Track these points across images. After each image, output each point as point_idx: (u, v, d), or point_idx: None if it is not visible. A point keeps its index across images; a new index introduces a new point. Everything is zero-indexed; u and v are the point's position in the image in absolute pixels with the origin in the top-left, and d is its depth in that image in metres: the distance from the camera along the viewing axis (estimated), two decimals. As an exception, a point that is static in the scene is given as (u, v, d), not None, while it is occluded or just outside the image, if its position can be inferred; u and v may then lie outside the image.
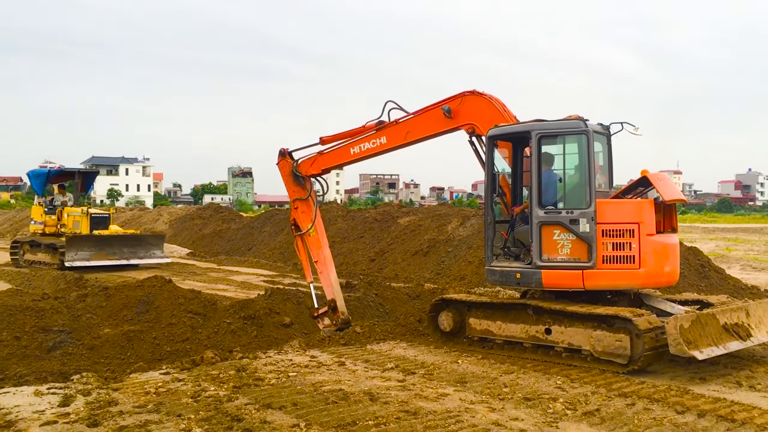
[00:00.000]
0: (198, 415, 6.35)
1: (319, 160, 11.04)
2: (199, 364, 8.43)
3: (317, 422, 6.17)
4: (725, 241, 32.70)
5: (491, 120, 9.47)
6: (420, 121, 10.13)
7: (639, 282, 8.64)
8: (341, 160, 10.92)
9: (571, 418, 6.38)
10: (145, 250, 21.71)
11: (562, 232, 8.73)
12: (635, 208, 8.63)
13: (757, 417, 6.43)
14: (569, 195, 8.92)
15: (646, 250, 8.45)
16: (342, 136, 10.79)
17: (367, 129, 10.50)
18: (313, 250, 11.21)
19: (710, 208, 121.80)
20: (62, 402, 6.75)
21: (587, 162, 8.65)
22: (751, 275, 18.69)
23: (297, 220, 11.33)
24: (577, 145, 8.83)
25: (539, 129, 8.94)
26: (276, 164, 11.48)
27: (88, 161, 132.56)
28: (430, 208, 25.80)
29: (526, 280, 9.02)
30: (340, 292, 11.11)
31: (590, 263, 8.54)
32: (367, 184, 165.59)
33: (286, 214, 29.45)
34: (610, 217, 8.57)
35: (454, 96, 9.86)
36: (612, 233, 8.53)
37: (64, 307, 10.47)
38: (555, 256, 8.77)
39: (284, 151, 11.32)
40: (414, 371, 8.17)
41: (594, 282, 8.60)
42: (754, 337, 8.58)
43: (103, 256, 20.57)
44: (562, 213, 8.78)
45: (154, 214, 39.73)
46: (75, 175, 23.63)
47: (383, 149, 10.45)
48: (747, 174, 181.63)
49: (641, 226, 8.47)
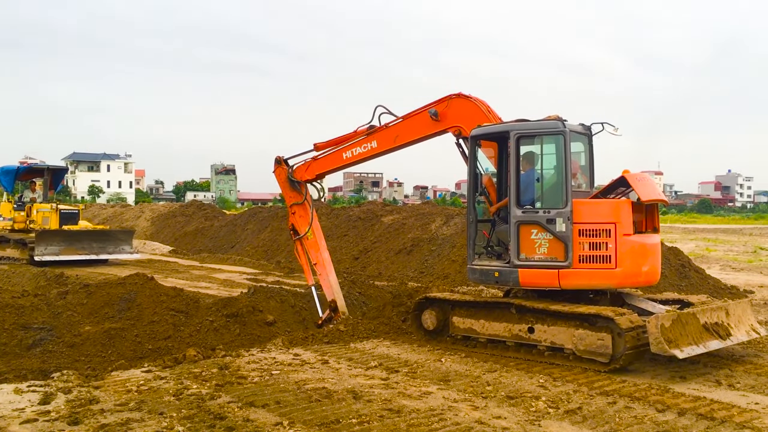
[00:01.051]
0: (180, 413, 6.31)
1: (313, 166, 11.30)
2: (181, 362, 8.38)
3: (300, 420, 6.16)
4: (705, 241, 33.04)
5: (477, 122, 9.55)
6: (408, 125, 10.27)
7: (615, 282, 8.68)
8: (334, 165, 11.13)
9: (553, 417, 6.42)
10: (114, 245, 21.99)
11: (540, 232, 8.81)
12: (612, 208, 8.68)
13: (736, 415, 6.51)
14: (546, 195, 9.00)
15: (622, 250, 8.49)
16: (335, 142, 11.01)
17: (358, 134, 10.70)
18: (312, 253, 11.47)
19: (690, 209, 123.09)
20: (42, 400, 6.68)
21: (564, 162, 8.73)
22: (730, 275, 18.89)
23: (295, 224, 11.62)
24: (554, 145, 8.91)
25: (518, 129, 9.03)
26: (272, 172, 11.75)
27: (69, 157, 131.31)
28: (413, 207, 25.81)
29: (504, 278, 9.12)
30: (340, 293, 11.33)
31: (566, 263, 8.60)
32: (351, 182, 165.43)
33: (269, 212, 29.38)
34: (587, 216, 8.63)
35: (440, 99, 9.95)
36: (588, 233, 8.59)
37: (45, 305, 10.36)
38: (532, 256, 8.85)
39: (280, 158, 11.61)
40: (397, 369, 8.18)
41: (570, 281, 8.67)
42: (733, 336, 8.68)
43: (73, 251, 20.84)
44: (539, 212, 8.86)
45: (136, 211, 39.45)
46: (44, 171, 23.86)
47: (374, 153, 10.64)
48: (727, 175, 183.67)
49: (618, 226, 8.52)
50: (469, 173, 9.63)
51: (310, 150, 11.27)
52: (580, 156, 9.65)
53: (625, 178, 8.83)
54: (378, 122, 10.52)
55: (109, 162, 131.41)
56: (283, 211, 28.47)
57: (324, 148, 11.15)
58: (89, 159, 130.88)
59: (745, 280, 17.69)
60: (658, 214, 9.29)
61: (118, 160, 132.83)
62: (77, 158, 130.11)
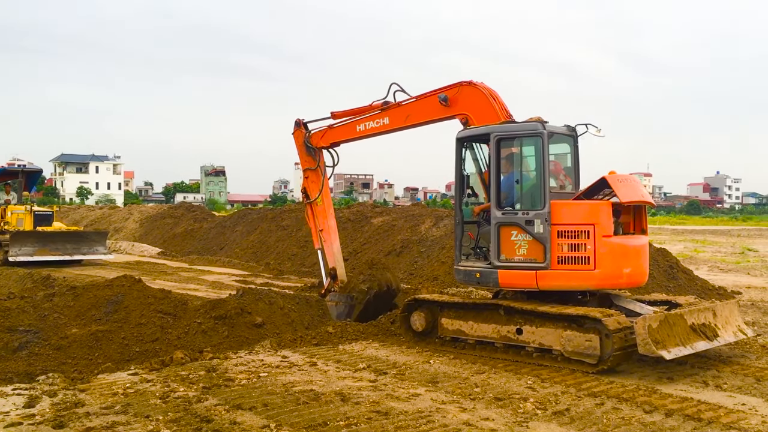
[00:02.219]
0: (167, 416, 6.27)
1: (328, 134, 11.59)
2: (168, 365, 8.33)
3: (288, 423, 6.13)
4: (693, 242, 33.21)
5: (484, 113, 9.53)
6: (419, 106, 10.37)
7: (594, 283, 8.69)
8: (348, 135, 11.39)
9: (541, 418, 6.42)
10: (88, 246, 22.42)
11: (519, 233, 8.87)
12: (590, 210, 8.70)
13: (723, 416, 6.53)
14: (525, 196, 9.05)
15: (601, 251, 8.51)
16: (351, 112, 11.27)
17: (373, 108, 10.89)
18: (320, 219, 11.91)
19: (679, 210, 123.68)
20: (27, 403, 6.63)
21: (542, 164, 8.76)
22: (718, 276, 18.99)
23: (307, 188, 12.05)
24: (533, 147, 8.95)
25: (497, 131, 9.09)
26: (291, 133, 12.06)
27: (58, 158, 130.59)
28: (403, 209, 25.81)
29: (485, 279, 9.22)
30: (341, 261, 11.82)
31: (545, 264, 8.64)
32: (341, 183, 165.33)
33: (259, 213, 29.29)
34: (566, 218, 8.66)
35: (452, 85, 9.94)
36: (567, 234, 8.61)
37: (31, 307, 10.29)
38: (512, 257, 8.91)
39: (300, 121, 11.93)
40: (386, 371, 8.17)
41: (547, 282, 8.70)
42: (720, 337, 8.72)
43: (47, 251, 21.24)
44: (519, 214, 8.91)
45: (125, 213, 39.25)
46: (19, 174, 24.15)
47: (385, 129, 10.82)
48: (715, 177, 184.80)
49: (597, 227, 8.53)
50: (456, 175, 9.67)
51: (327, 117, 11.55)
52: (565, 157, 9.68)
53: (605, 179, 8.83)
54: (393, 99, 10.67)
55: (98, 163, 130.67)
56: (272, 213, 28.42)
57: (340, 117, 11.40)
58: (78, 160, 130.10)
59: (732, 281, 17.79)
60: (645, 215, 9.31)
61: (107, 162, 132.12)
62: (66, 159, 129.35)
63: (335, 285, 11.43)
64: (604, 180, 8.82)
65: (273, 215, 27.51)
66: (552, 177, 9.29)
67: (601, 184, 8.90)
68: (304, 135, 11.83)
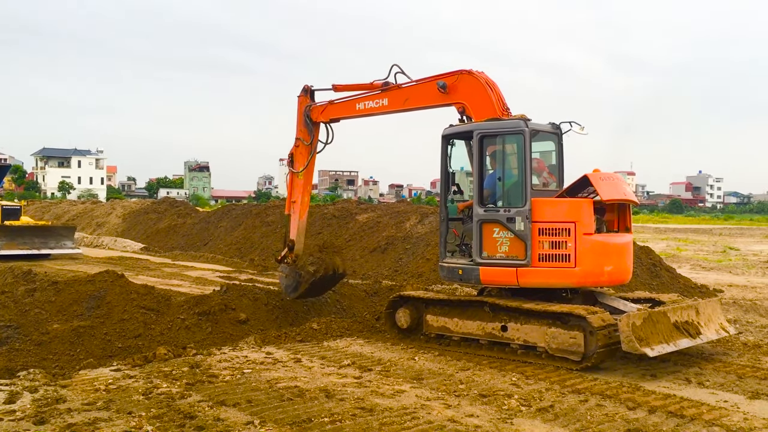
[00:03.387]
0: (149, 412, 6.22)
1: (329, 109, 11.42)
2: (151, 361, 8.27)
3: (272, 419, 6.10)
4: (676, 241, 33.49)
5: (481, 104, 9.45)
6: (418, 90, 10.26)
7: (575, 281, 8.71)
8: (347, 113, 11.28)
9: (525, 415, 6.44)
10: (56, 240, 22.59)
11: (501, 230, 8.89)
12: (571, 208, 8.72)
13: (705, 413, 6.58)
14: (507, 194, 9.06)
15: (582, 249, 8.53)
16: (353, 87, 11.21)
17: (374, 87, 10.80)
18: (296, 191, 11.86)
19: (662, 209, 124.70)
20: (8, 399, 6.55)
21: (524, 161, 8.77)
22: (700, 274, 19.15)
23: (294, 156, 11.89)
24: (515, 144, 8.95)
25: (480, 129, 9.10)
26: (297, 96, 11.80)
27: (39, 153, 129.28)
28: (388, 206, 25.77)
29: (467, 276, 9.23)
30: (302, 237, 11.75)
31: (525, 261, 8.66)
32: (326, 180, 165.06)
33: (243, 209, 29.13)
34: (547, 216, 8.68)
35: (451, 72, 9.81)
36: (548, 232, 8.64)
37: (11, 302, 10.17)
38: (494, 254, 8.93)
39: (308, 88, 11.72)
40: (370, 368, 8.15)
41: (528, 279, 8.72)
42: (703, 334, 8.78)
43: (14, 245, 21.38)
44: (500, 211, 8.93)
45: (107, 208, 38.89)
46: None
47: (384, 110, 10.73)
48: (697, 176, 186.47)
49: (578, 225, 8.56)
50: (442, 172, 9.66)
51: (329, 89, 11.45)
52: (550, 155, 9.69)
53: (587, 177, 8.85)
54: (394, 80, 10.60)
55: (80, 158, 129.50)
56: (257, 208, 28.28)
57: (341, 90, 11.33)
58: (60, 155, 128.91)
59: (714, 280, 17.94)
60: (630, 213, 9.35)
61: (89, 156, 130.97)
62: (47, 154, 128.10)
63: (290, 257, 11.50)
64: (586, 178, 8.84)
65: (258, 211, 27.36)
66: (535, 175, 9.30)
67: (583, 182, 8.92)
68: (307, 104, 11.59)
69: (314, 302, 11.96)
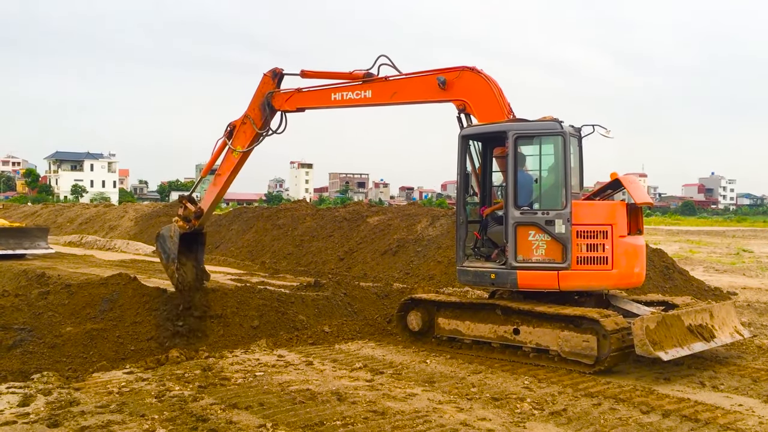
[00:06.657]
0: (162, 415, 6.24)
1: (296, 97, 10.56)
2: (163, 364, 8.30)
3: (284, 422, 6.10)
4: (689, 243, 33.26)
5: (484, 101, 9.30)
6: (411, 84, 9.88)
7: (612, 283, 8.73)
8: (320, 103, 10.57)
9: (538, 418, 6.41)
10: (30, 241, 23.40)
11: (537, 233, 8.76)
12: (609, 210, 8.72)
13: (720, 417, 6.53)
14: (545, 196, 8.97)
15: (618, 251, 8.54)
16: (326, 75, 10.54)
17: (353, 77, 10.21)
18: (224, 165, 11.08)
19: (674, 211, 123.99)
20: (22, 402, 6.59)
21: (563, 163, 8.70)
22: (714, 277, 19.01)
23: (235, 131, 10.90)
24: (553, 146, 8.87)
25: (516, 129, 8.91)
26: (263, 73, 10.86)
27: (52, 156, 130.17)
28: (399, 208, 25.76)
29: (501, 280, 9.00)
30: (211, 210, 11.53)
31: (565, 264, 8.58)
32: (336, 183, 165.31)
33: (254, 212, 29.19)
34: (585, 218, 8.63)
35: (452, 68, 9.57)
36: (586, 234, 8.59)
37: (25, 305, 10.21)
38: (530, 257, 8.79)
39: (279, 71, 10.78)
40: (382, 371, 8.14)
41: (569, 283, 8.65)
42: (717, 338, 8.72)
43: None
44: (538, 214, 8.81)
45: (119, 211, 39.06)
46: None
47: (366, 103, 10.15)
48: (710, 177, 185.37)
49: (614, 227, 8.56)
50: (459, 174, 9.49)
51: (296, 73, 10.65)
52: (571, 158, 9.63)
53: (619, 180, 8.85)
54: (377, 72, 10.07)
55: (93, 161, 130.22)
56: (268, 211, 28.34)
57: (311, 77, 10.57)
58: (72, 158, 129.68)
59: (728, 282, 17.80)
60: (642, 216, 9.32)
61: (101, 160, 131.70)
62: (60, 157, 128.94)
63: (193, 223, 11.01)
64: (618, 181, 8.85)
65: (269, 214, 27.42)
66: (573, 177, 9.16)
67: (611, 185, 8.93)
68: (270, 90, 10.63)
69: (325, 305, 11.96)
